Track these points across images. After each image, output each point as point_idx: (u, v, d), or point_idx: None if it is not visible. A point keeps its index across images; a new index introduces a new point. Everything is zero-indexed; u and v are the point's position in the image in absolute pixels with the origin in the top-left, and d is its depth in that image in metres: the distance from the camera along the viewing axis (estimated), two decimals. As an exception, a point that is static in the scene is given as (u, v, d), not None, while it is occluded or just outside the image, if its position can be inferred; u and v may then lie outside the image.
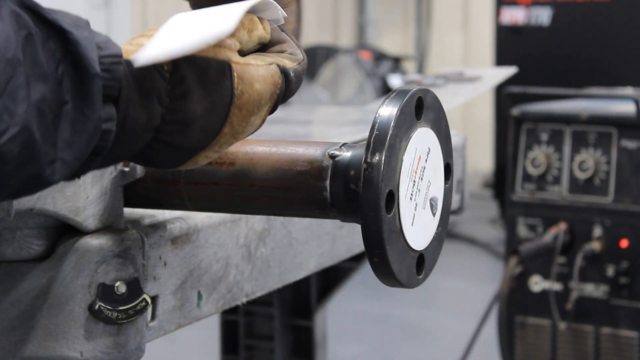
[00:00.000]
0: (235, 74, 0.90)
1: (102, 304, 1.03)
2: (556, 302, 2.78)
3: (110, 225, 1.08)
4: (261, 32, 0.96)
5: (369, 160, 0.96)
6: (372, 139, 0.97)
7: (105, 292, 1.03)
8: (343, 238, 1.48)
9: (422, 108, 1.02)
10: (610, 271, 2.75)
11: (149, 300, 1.06)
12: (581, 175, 2.80)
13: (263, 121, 0.96)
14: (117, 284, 1.04)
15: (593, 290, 2.78)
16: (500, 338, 2.77)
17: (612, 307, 2.75)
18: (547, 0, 5.33)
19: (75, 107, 0.79)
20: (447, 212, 1.08)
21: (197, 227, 1.17)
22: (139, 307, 1.06)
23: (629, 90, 3.08)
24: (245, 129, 0.94)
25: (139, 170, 1.09)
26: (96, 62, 0.80)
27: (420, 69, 7.89)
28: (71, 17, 0.81)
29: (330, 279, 2.30)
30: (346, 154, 1.02)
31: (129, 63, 0.83)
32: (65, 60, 0.79)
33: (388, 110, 0.98)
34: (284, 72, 0.94)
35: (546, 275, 2.83)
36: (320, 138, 1.05)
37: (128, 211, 1.12)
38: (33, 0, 0.79)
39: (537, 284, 2.86)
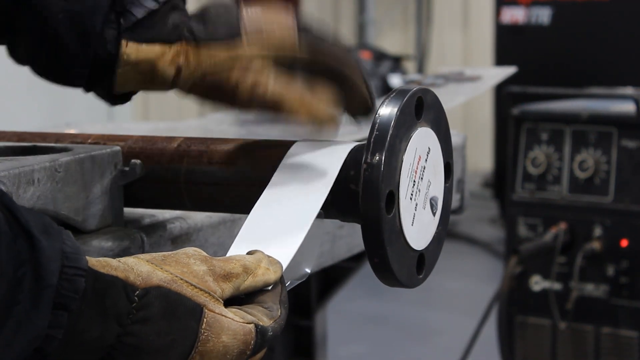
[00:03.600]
0: (205, 320, 0.87)
1: (102, 304, 1.02)
2: (556, 302, 2.78)
3: (110, 225, 1.08)
4: (270, 279, 0.94)
5: (369, 160, 0.96)
6: (372, 139, 0.96)
7: (105, 292, 1.03)
8: (343, 238, 1.48)
9: (422, 108, 1.02)
10: (610, 271, 2.75)
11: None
12: (581, 175, 2.80)
13: None
14: (117, 283, 1.03)
15: (593, 290, 2.77)
16: (501, 338, 2.77)
17: (612, 307, 2.75)
18: (547, 0, 5.32)
19: (25, 310, 0.80)
20: (447, 211, 1.08)
21: (197, 227, 1.17)
22: (139, 307, 1.06)
23: (629, 90, 3.08)
24: None
25: (139, 170, 1.09)
26: (54, 274, 0.81)
27: (420, 69, 7.88)
28: (45, 223, 0.83)
29: (330, 279, 2.29)
30: (346, 154, 1.02)
31: (97, 277, 0.84)
32: (29, 264, 0.80)
33: (388, 111, 0.98)
34: (261, 332, 0.90)
35: (546, 275, 2.83)
36: (320, 138, 1.04)
37: (128, 211, 1.12)
38: (11, 199, 0.82)
39: (537, 283, 2.85)
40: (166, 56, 1.04)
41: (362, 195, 0.96)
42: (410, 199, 1.00)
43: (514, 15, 5.46)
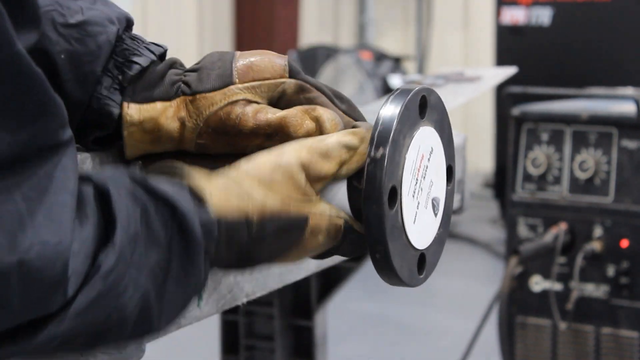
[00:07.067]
0: (309, 227, 0.97)
1: (103, 303, 1.02)
2: (556, 302, 2.78)
3: (111, 224, 1.08)
4: (359, 164, 1.00)
5: (372, 155, 0.96)
6: (376, 134, 0.96)
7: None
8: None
9: (425, 107, 1.01)
10: (610, 271, 2.75)
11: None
12: (581, 175, 2.80)
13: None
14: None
15: (593, 290, 2.77)
16: (501, 338, 2.77)
17: (612, 307, 2.75)
18: (547, 0, 5.33)
19: (179, 265, 0.88)
20: (448, 214, 1.08)
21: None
22: (139, 306, 1.05)
23: (629, 90, 3.07)
24: (294, 260, 1.02)
25: (139, 170, 1.09)
26: (199, 232, 0.89)
27: (421, 69, 7.89)
28: (174, 187, 0.90)
29: (330, 279, 2.29)
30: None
31: (227, 226, 0.92)
32: (172, 224, 0.88)
33: (392, 106, 0.97)
34: (347, 229, 1.00)
35: (546, 275, 2.83)
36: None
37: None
38: (142, 176, 0.90)
39: (538, 284, 2.85)
40: (168, 112, 1.07)
41: (365, 189, 0.96)
42: (413, 196, 1.00)
43: (514, 15, 5.46)
